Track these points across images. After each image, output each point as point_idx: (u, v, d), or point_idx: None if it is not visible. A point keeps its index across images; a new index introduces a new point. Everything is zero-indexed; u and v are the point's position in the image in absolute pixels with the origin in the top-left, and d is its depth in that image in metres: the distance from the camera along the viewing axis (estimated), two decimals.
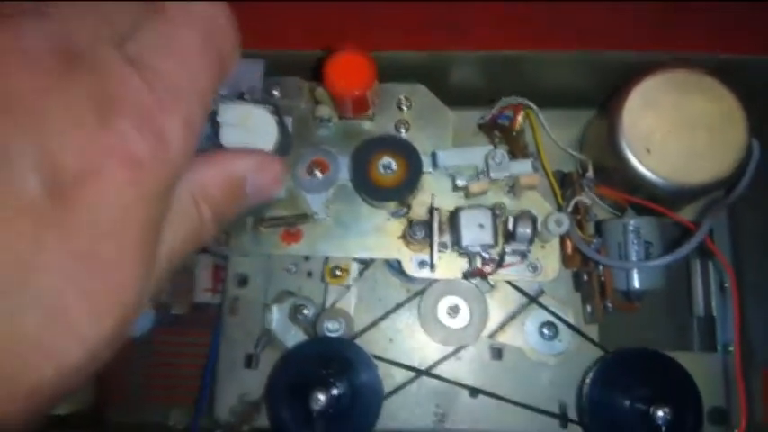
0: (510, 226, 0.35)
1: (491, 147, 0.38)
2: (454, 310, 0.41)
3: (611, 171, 0.39)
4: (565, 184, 0.41)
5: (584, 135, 0.45)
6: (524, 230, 0.34)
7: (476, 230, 0.35)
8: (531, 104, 0.42)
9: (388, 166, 0.36)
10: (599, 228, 0.41)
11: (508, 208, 0.38)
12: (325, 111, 0.39)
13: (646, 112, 0.37)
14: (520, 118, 0.43)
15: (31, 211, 0.14)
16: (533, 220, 0.35)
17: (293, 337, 0.42)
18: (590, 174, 0.39)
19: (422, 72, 0.41)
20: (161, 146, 0.16)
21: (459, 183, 0.36)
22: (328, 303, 0.43)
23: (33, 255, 0.14)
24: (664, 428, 0.33)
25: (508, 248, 0.36)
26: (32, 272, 0.14)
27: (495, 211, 0.36)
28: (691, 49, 0.39)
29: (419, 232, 0.37)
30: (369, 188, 0.37)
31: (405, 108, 0.41)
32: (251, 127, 0.31)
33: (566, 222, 0.35)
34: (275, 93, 0.41)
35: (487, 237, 0.35)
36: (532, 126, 0.42)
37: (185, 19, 0.18)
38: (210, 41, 0.18)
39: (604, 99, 0.42)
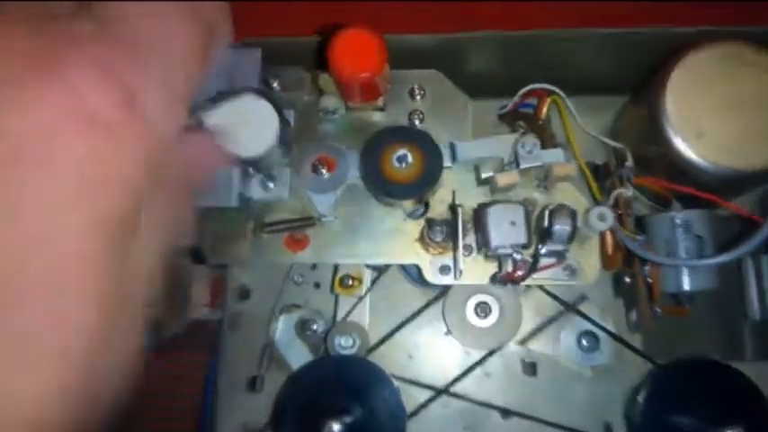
0: (545, 222, 0.31)
1: (517, 135, 0.34)
2: (483, 310, 0.37)
3: (653, 160, 0.35)
4: (599, 176, 0.37)
5: (616, 123, 0.40)
6: (563, 227, 0.30)
7: (506, 229, 0.31)
8: (558, 90, 0.38)
9: (403, 158, 0.32)
10: (641, 224, 0.36)
11: (540, 204, 0.34)
12: (330, 101, 0.35)
13: (691, 91, 0.33)
14: (545, 105, 0.38)
15: None
16: (573, 215, 0.30)
17: (296, 353, 0.38)
18: (629, 163, 0.35)
19: (436, 58, 0.37)
20: (134, 110, 0.13)
21: (484, 174, 0.32)
22: (339, 317, 0.38)
23: None
24: None
25: (543, 249, 0.32)
26: None
27: (527, 207, 0.32)
28: (732, 23, 0.35)
29: (440, 233, 0.33)
30: (382, 184, 0.32)
31: (418, 97, 0.37)
32: (246, 121, 0.28)
33: (610, 216, 0.30)
34: (275, 85, 0.37)
35: (520, 236, 0.31)
36: (561, 114, 0.38)
37: None
38: (191, 6, 0.16)
39: (638, 82, 0.38)
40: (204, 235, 0.36)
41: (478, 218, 0.32)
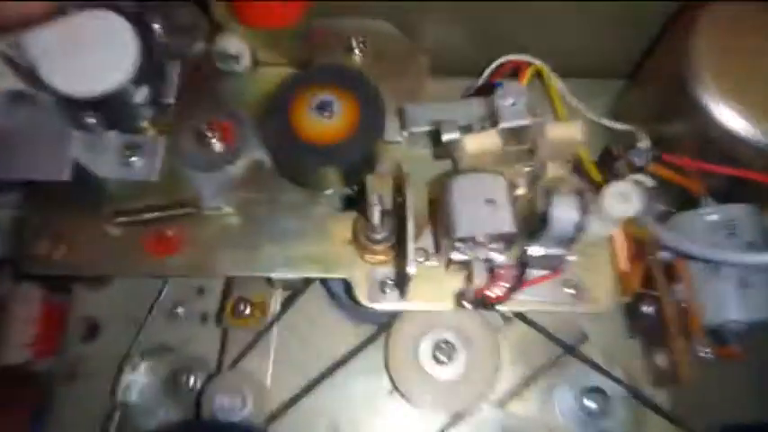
0: (540, 206, 0.20)
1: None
2: (445, 352, 0.25)
3: (675, 141, 0.26)
4: (602, 166, 0.27)
5: (616, 107, 0.32)
6: (567, 213, 0.19)
7: (480, 210, 0.20)
8: (538, 61, 0.29)
9: (326, 105, 0.21)
10: None
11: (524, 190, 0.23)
12: (230, 42, 0.26)
13: (721, 43, 0.24)
14: (526, 77, 0.29)
15: None
16: (580, 194, 0.20)
17: (161, 420, 0.25)
18: (644, 144, 0.25)
19: (386, 13, 0.29)
20: None
21: (446, 136, 0.22)
22: (227, 364, 0.26)
23: None
24: None
25: (533, 251, 0.21)
26: None
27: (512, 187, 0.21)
28: None
29: (381, 229, 0.22)
30: (295, 146, 0.22)
31: (357, 51, 0.28)
32: (92, 44, 0.22)
33: (635, 196, 0.20)
34: (155, 26, 0.27)
35: (503, 221, 0.20)
36: (548, 87, 0.29)
37: None
38: None
39: (640, 57, 0.31)
40: (23, 232, 0.24)
41: (439, 198, 0.21)
